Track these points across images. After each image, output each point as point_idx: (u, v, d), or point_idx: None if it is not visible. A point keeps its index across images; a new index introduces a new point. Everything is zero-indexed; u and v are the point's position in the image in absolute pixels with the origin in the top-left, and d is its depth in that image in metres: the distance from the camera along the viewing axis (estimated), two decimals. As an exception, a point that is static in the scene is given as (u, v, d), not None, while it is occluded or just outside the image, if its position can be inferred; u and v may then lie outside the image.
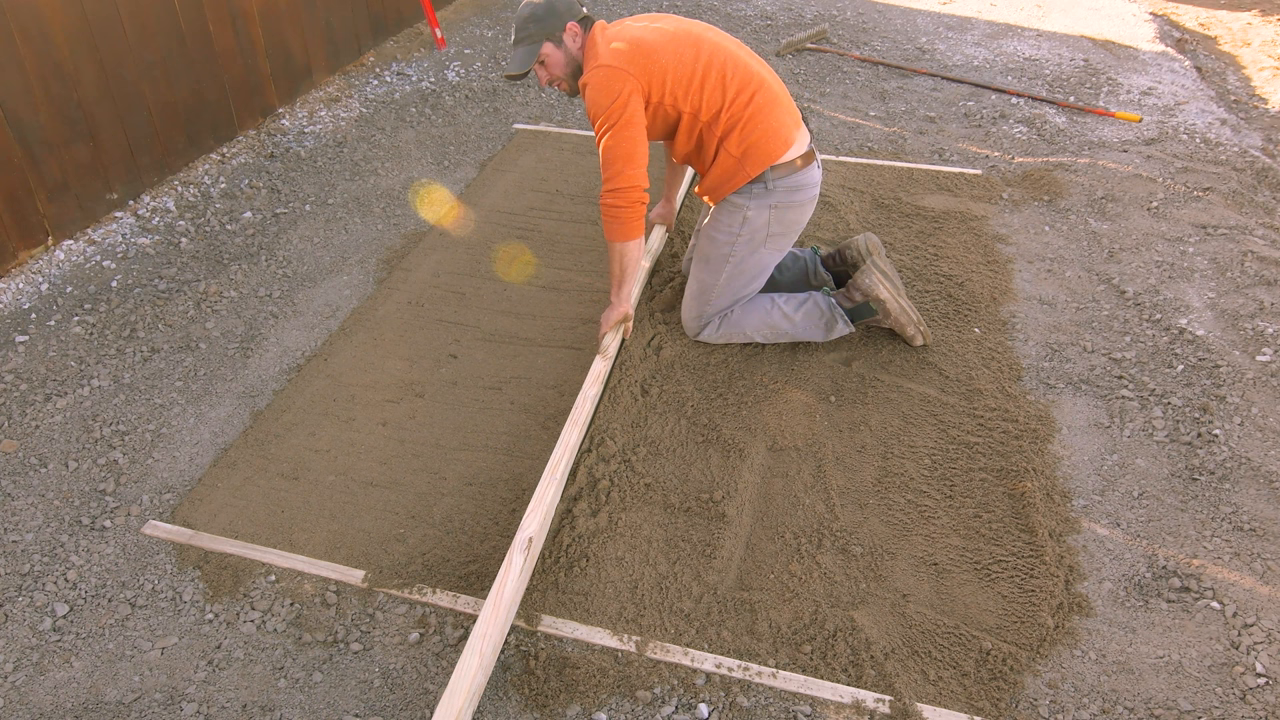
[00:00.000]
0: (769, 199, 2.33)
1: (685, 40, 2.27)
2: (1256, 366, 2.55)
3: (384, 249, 3.17)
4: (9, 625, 1.85)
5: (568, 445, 2.09)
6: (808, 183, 2.37)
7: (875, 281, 2.43)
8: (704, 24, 2.40)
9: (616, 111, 2.18)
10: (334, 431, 2.35)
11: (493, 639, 1.68)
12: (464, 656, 1.61)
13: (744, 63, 2.31)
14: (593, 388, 2.27)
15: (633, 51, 2.21)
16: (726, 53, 2.30)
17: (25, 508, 2.13)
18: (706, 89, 2.25)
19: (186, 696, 1.71)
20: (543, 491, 1.96)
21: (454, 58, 4.84)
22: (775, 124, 2.29)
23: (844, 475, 2.19)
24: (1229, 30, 5.84)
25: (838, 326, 2.49)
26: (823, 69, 4.74)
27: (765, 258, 2.44)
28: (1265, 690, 1.71)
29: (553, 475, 2.00)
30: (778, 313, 2.49)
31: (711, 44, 2.29)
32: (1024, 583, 1.90)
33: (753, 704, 1.69)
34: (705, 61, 2.25)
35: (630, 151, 2.20)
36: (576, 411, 2.19)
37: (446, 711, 1.52)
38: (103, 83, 3.18)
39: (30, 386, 2.50)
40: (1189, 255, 3.07)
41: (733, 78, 2.27)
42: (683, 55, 2.24)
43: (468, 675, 1.57)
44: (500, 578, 1.77)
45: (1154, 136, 3.96)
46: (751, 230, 2.37)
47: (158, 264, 3.08)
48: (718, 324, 2.50)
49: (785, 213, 2.37)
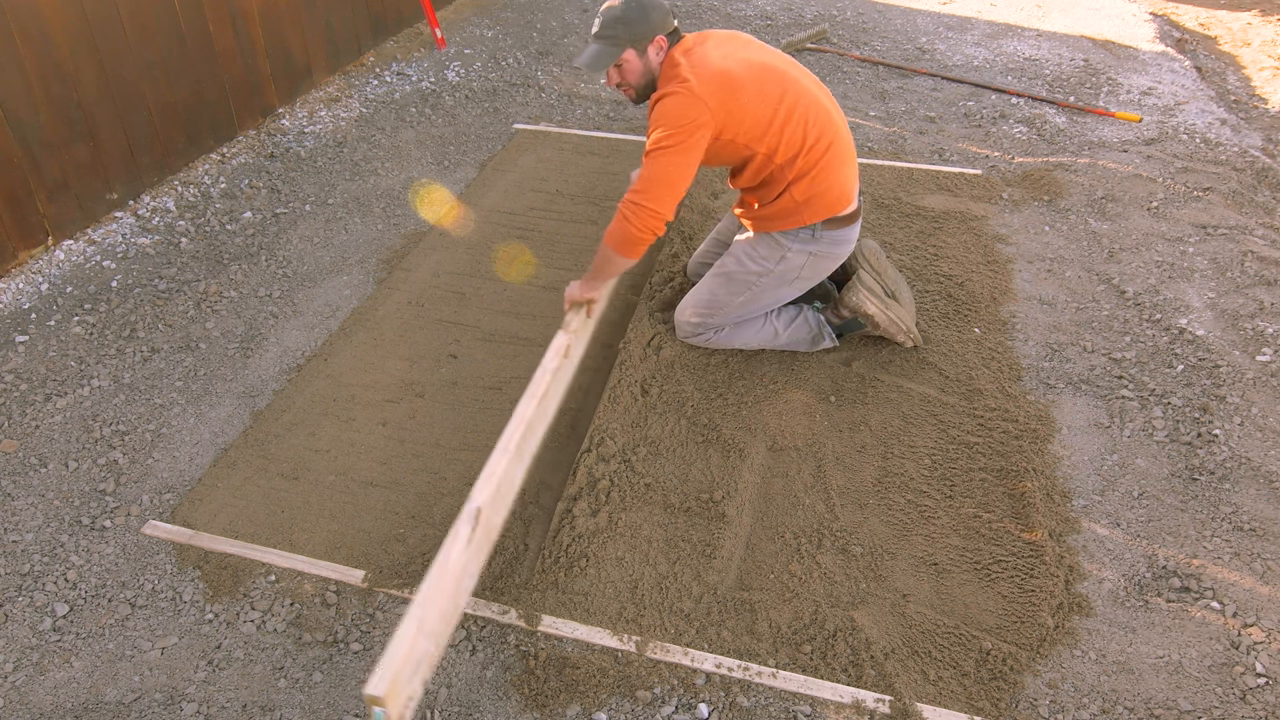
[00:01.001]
0: (812, 245, 2.34)
1: (770, 77, 2.18)
2: (1256, 366, 2.55)
3: (384, 249, 3.17)
4: (9, 625, 1.85)
5: (523, 419, 2.04)
6: (850, 238, 2.39)
7: (863, 299, 2.46)
8: (782, 54, 2.33)
9: (682, 136, 2.08)
10: (334, 431, 2.35)
11: (439, 607, 1.64)
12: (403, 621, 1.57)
13: (825, 109, 2.27)
14: (553, 361, 2.22)
15: (718, 84, 2.11)
16: (810, 96, 2.24)
17: (25, 508, 2.13)
18: (786, 133, 2.18)
19: (186, 696, 1.71)
20: (494, 464, 1.91)
21: (454, 58, 4.85)
22: (843, 178, 2.28)
23: (844, 475, 2.19)
24: (1229, 30, 5.84)
25: (823, 341, 2.55)
26: (823, 69, 4.74)
27: (785, 293, 2.46)
28: (1265, 690, 1.71)
29: (505, 449, 1.96)
30: (769, 330, 2.53)
31: (796, 84, 2.22)
32: (1024, 583, 1.90)
33: (753, 704, 1.69)
34: (789, 104, 2.18)
35: (674, 179, 2.10)
36: (534, 385, 2.13)
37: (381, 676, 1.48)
38: (103, 83, 3.18)
39: (30, 386, 2.50)
40: (1189, 255, 3.07)
41: (813, 124, 2.21)
42: (766, 94, 2.16)
43: (405, 639, 1.53)
44: (445, 547, 1.71)
45: (1154, 136, 3.96)
46: (785, 268, 2.38)
47: (158, 264, 3.08)
48: (712, 335, 2.53)
49: (821, 261, 2.39)
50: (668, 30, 2.22)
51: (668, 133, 2.08)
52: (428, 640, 1.59)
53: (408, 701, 1.52)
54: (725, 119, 2.12)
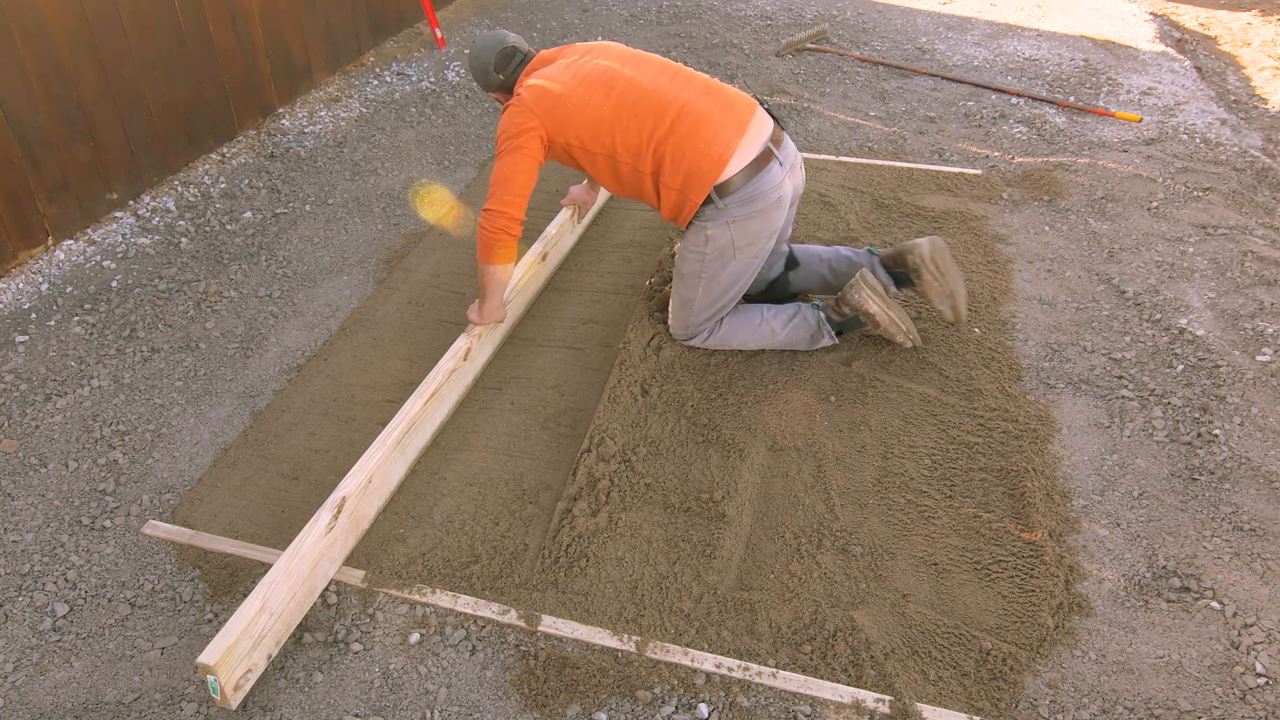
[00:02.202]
0: (724, 216, 2.29)
1: (597, 81, 2.30)
2: (1256, 366, 2.55)
3: (384, 249, 3.17)
4: (9, 625, 1.85)
5: (407, 415, 2.13)
6: (762, 190, 2.26)
7: (865, 297, 2.45)
8: (629, 56, 2.40)
9: (509, 139, 2.27)
10: (334, 431, 2.35)
11: (286, 588, 1.72)
12: (249, 598, 1.66)
13: (657, 92, 2.28)
14: (448, 363, 2.31)
15: (542, 94, 2.30)
16: (639, 88, 2.29)
17: (25, 508, 2.13)
18: (618, 129, 2.27)
19: (186, 696, 1.71)
20: (369, 455, 2.00)
21: (454, 58, 4.84)
22: (705, 145, 2.23)
23: (844, 475, 2.19)
24: (1229, 30, 5.84)
25: (823, 340, 2.54)
26: (823, 69, 4.74)
27: (737, 269, 2.41)
28: (1265, 690, 1.71)
29: (382, 442, 2.04)
30: (766, 328, 2.52)
31: (626, 81, 2.30)
32: (1024, 583, 1.90)
33: (753, 704, 1.69)
34: (615, 101, 2.27)
35: (509, 176, 2.26)
36: (425, 385, 2.23)
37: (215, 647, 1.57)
38: (103, 83, 3.18)
39: (30, 386, 2.50)
40: (1189, 255, 3.07)
41: (648, 111, 2.26)
42: (589, 98, 2.28)
43: (245, 615, 1.62)
44: (303, 532, 1.81)
45: (1154, 136, 3.96)
46: (717, 248, 2.34)
47: (158, 264, 3.08)
48: (706, 334, 2.53)
49: (746, 225, 2.31)
50: (493, 88, 2.50)
51: (504, 137, 2.29)
52: (272, 618, 1.71)
53: (247, 674, 1.66)
54: (554, 124, 2.29)
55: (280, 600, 1.72)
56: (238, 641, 1.60)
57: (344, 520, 1.90)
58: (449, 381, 2.31)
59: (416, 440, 2.20)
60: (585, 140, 2.30)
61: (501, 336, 2.66)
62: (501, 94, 2.52)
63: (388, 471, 2.07)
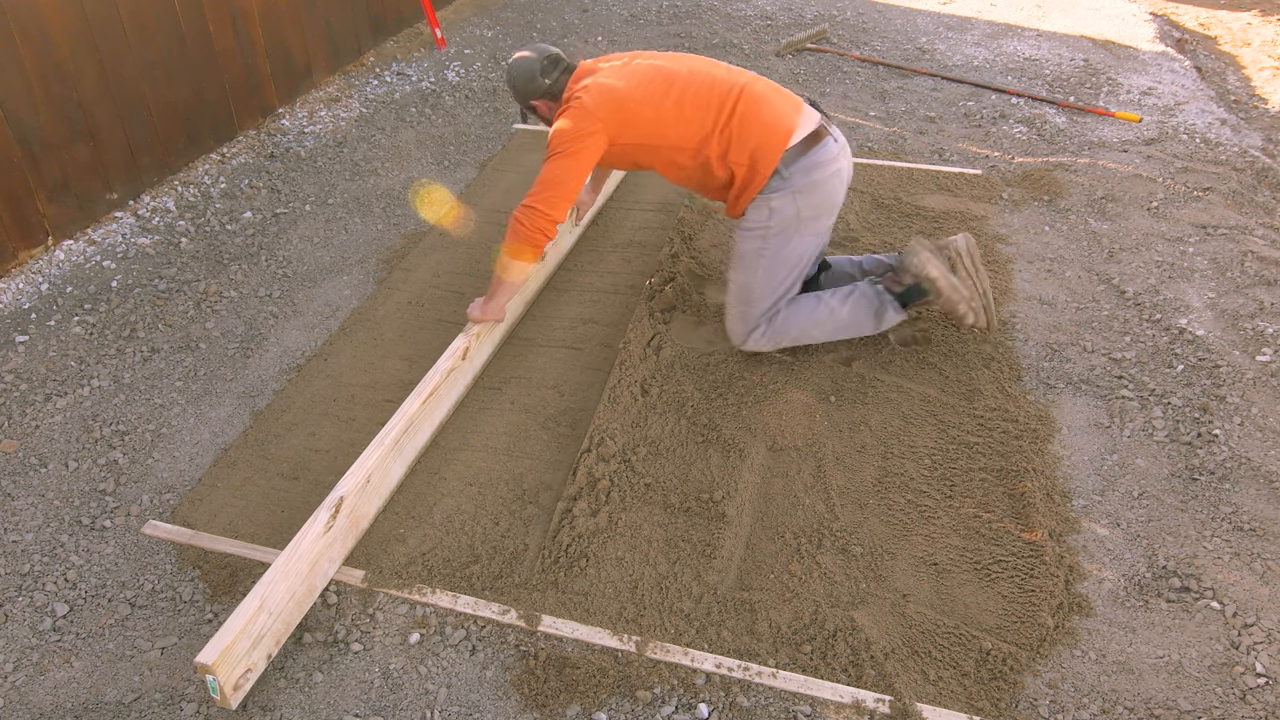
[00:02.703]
0: (789, 185, 2.30)
1: (656, 79, 2.32)
2: (1256, 366, 2.55)
3: (384, 249, 3.17)
4: (9, 625, 1.85)
5: (405, 415, 2.13)
6: (823, 159, 2.31)
7: (924, 260, 2.37)
8: (673, 55, 2.43)
9: (571, 142, 2.25)
10: (334, 431, 2.35)
11: (285, 586, 1.73)
12: (248, 596, 1.67)
13: (715, 79, 2.34)
14: (446, 362, 2.31)
15: (604, 97, 2.28)
16: (697, 78, 2.33)
17: (25, 508, 2.13)
18: (681, 122, 2.29)
19: (186, 696, 1.71)
20: (367, 455, 2.01)
21: (454, 58, 4.85)
22: (770, 118, 2.30)
23: (844, 475, 2.19)
24: (1229, 30, 5.84)
25: (888, 314, 2.45)
26: (823, 69, 4.74)
27: (801, 245, 2.38)
28: (1265, 690, 1.71)
29: (380, 442, 2.05)
30: (824, 309, 2.44)
31: (682, 76, 2.33)
32: (1024, 583, 1.90)
33: (753, 704, 1.69)
34: (676, 95, 2.30)
35: (561, 179, 2.24)
36: (423, 385, 2.23)
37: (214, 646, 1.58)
38: (103, 83, 3.18)
39: (30, 386, 2.50)
40: (1189, 255, 3.07)
41: (710, 97, 2.30)
42: (651, 95, 2.30)
43: (244, 614, 1.63)
44: (301, 531, 1.82)
45: (1154, 136, 3.96)
46: (782, 220, 2.33)
47: (158, 264, 3.08)
48: (764, 328, 2.44)
49: (811, 194, 2.32)
50: (538, 94, 2.45)
51: (559, 142, 2.26)
52: (271, 617, 1.71)
53: (246, 674, 1.66)
54: (617, 125, 2.28)
55: (279, 599, 1.72)
56: (236, 641, 1.61)
57: (342, 520, 1.90)
58: (447, 381, 2.31)
59: (415, 440, 2.20)
60: (648, 137, 2.31)
61: (501, 336, 2.66)
62: (545, 100, 2.46)
63: (386, 471, 2.07)
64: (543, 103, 2.47)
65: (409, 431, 2.14)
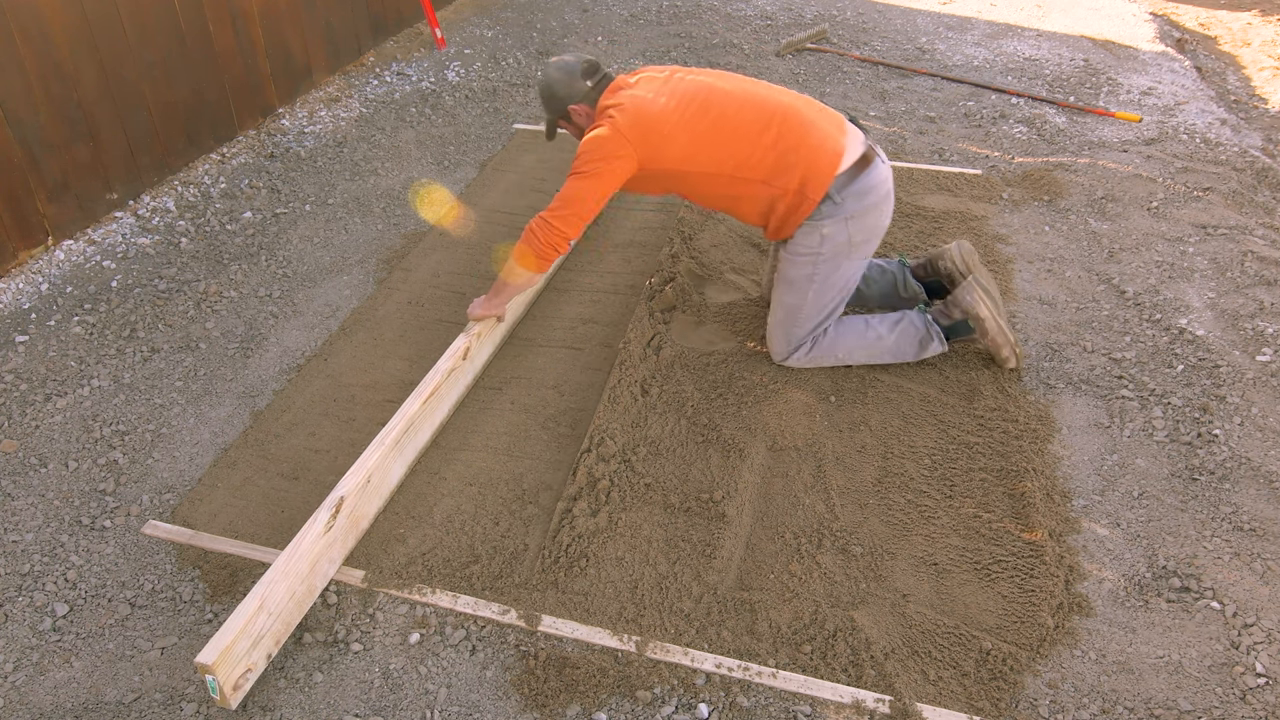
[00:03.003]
0: (841, 211, 2.27)
1: (695, 101, 2.24)
2: (1256, 366, 2.55)
3: (384, 249, 3.17)
4: (9, 625, 1.85)
5: (406, 415, 2.13)
6: (874, 183, 2.29)
7: (977, 299, 2.37)
8: (714, 72, 2.35)
9: (598, 165, 2.19)
10: (334, 431, 2.35)
11: (285, 587, 1.73)
12: (248, 596, 1.67)
13: (756, 100, 2.26)
14: (447, 362, 2.31)
15: (638, 118, 2.20)
16: (736, 99, 2.25)
17: (25, 508, 2.13)
18: (720, 145, 2.22)
19: (186, 696, 1.71)
20: (367, 455, 2.01)
21: (454, 58, 4.85)
22: (817, 141, 2.24)
23: (844, 475, 2.19)
24: (1229, 30, 5.84)
25: (932, 345, 2.44)
26: (823, 69, 4.74)
27: (850, 268, 2.37)
28: (1265, 690, 1.71)
29: (381, 442, 2.05)
30: (872, 334, 2.43)
31: (721, 95, 2.25)
32: (1024, 583, 1.90)
33: (753, 704, 1.69)
34: (714, 117, 2.23)
35: (579, 199, 2.20)
36: (424, 385, 2.23)
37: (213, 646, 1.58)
38: (103, 83, 3.18)
39: (30, 386, 2.50)
40: (1189, 255, 3.07)
41: (750, 122, 2.23)
42: (688, 118, 2.22)
43: (244, 614, 1.64)
44: (302, 531, 1.82)
45: (1154, 136, 3.96)
46: (833, 246, 2.30)
47: (158, 264, 3.08)
48: (809, 347, 2.44)
49: (863, 220, 2.30)
50: (578, 97, 2.36)
51: (585, 160, 2.21)
52: (271, 618, 1.71)
53: (246, 673, 1.66)
54: (648, 151, 2.22)
55: (279, 599, 1.72)
56: (236, 641, 1.61)
57: (343, 520, 1.90)
58: (448, 381, 2.31)
59: (416, 440, 2.20)
60: (681, 163, 2.24)
61: (501, 336, 2.66)
62: (583, 105, 2.37)
63: (387, 471, 2.07)
64: (580, 108, 2.38)
65: (410, 432, 2.15)
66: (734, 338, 2.64)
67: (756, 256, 3.06)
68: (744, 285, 2.88)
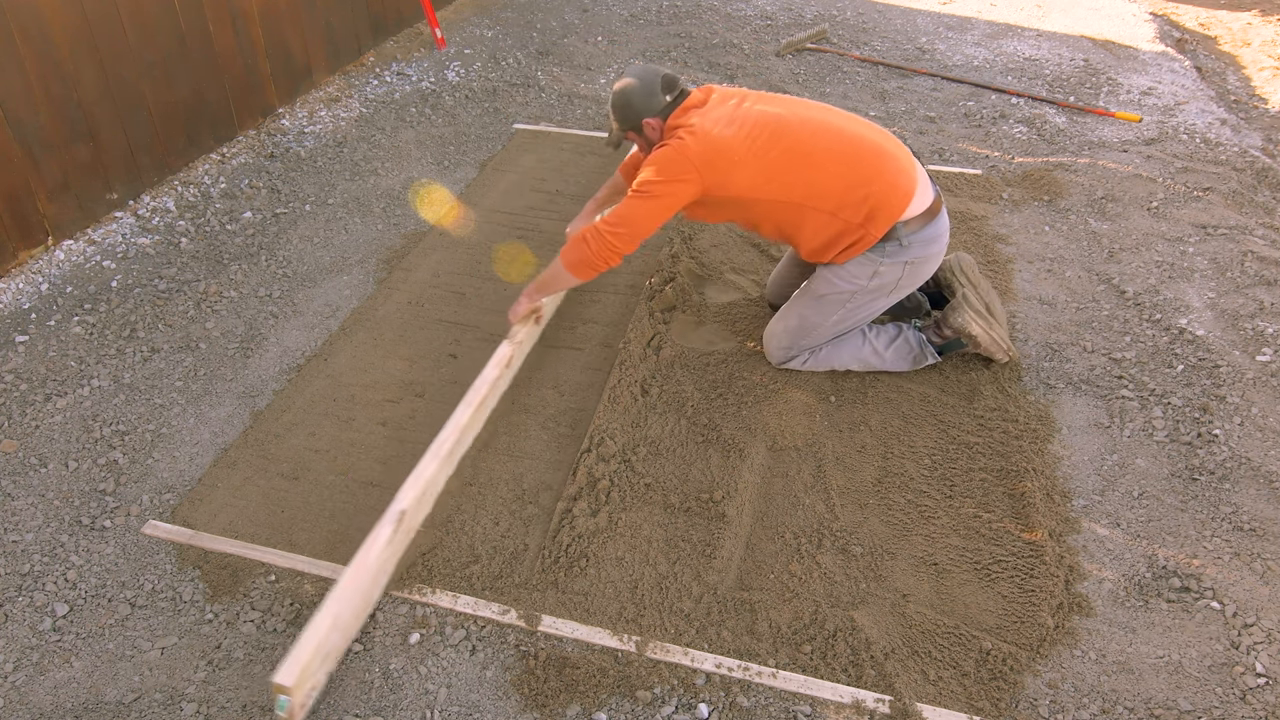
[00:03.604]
0: (904, 255, 2.26)
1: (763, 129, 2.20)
2: (1256, 366, 2.55)
3: (384, 249, 3.17)
4: (9, 625, 1.85)
5: (457, 425, 2.11)
6: (940, 233, 2.29)
7: (968, 319, 2.39)
8: (786, 100, 2.32)
9: (664, 187, 2.17)
10: (334, 431, 2.35)
11: (353, 605, 1.72)
12: (317, 614, 1.65)
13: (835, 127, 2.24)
14: (493, 371, 2.29)
15: (707, 145, 2.17)
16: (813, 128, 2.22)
17: (25, 508, 2.13)
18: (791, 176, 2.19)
19: (186, 696, 1.71)
20: (423, 468, 2.00)
21: (454, 58, 4.85)
22: (892, 178, 2.22)
23: (844, 475, 2.19)
24: (1229, 30, 5.84)
25: (925, 361, 2.48)
26: (823, 69, 4.74)
27: (881, 304, 2.38)
28: (1265, 690, 1.71)
29: (436, 454, 2.04)
30: (869, 348, 2.45)
31: (794, 123, 2.21)
32: (1024, 583, 1.90)
33: (753, 704, 1.69)
34: (786, 146, 2.19)
35: (644, 223, 2.20)
36: (472, 393, 2.22)
37: (292, 666, 1.56)
38: (103, 83, 3.18)
39: (30, 386, 2.50)
40: (1189, 255, 3.07)
41: (822, 150, 2.20)
42: (757, 147, 2.18)
43: (318, 631, 1.62)
44: (365, 546, 1.80)
45: (1154, 136, 3.96)
46: (881, 283, 2.31)
47: (158, 264, 3.08)
48: (807, 357, 2.46)
49: (920, 267, 2.30)
50: (654, 111, 2.30)
51: (653, 180, 2.18)
52: (339, 635, 1.69)
53: (311, 691, 1.65)
54: (714, 179, 2.18)
55: (347, 616, 1.71)
56: (311, 659, 1.59)
57: (400, 533, 1.88)
58: (493, 390, 2.28)
59: (461, 450, 2.17)
60: (748, 190, 2.21)
61: (536, 341, 2.63)
62: (654, 120, 2.31)
63: (437, 481, 2.05)
64: (654, 121, 2.31)
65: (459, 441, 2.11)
66: (734, 338, 2.64)
67: (756, 256, 3.06)
68: (744, 285, 2.88)
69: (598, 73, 4.69)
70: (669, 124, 2.29)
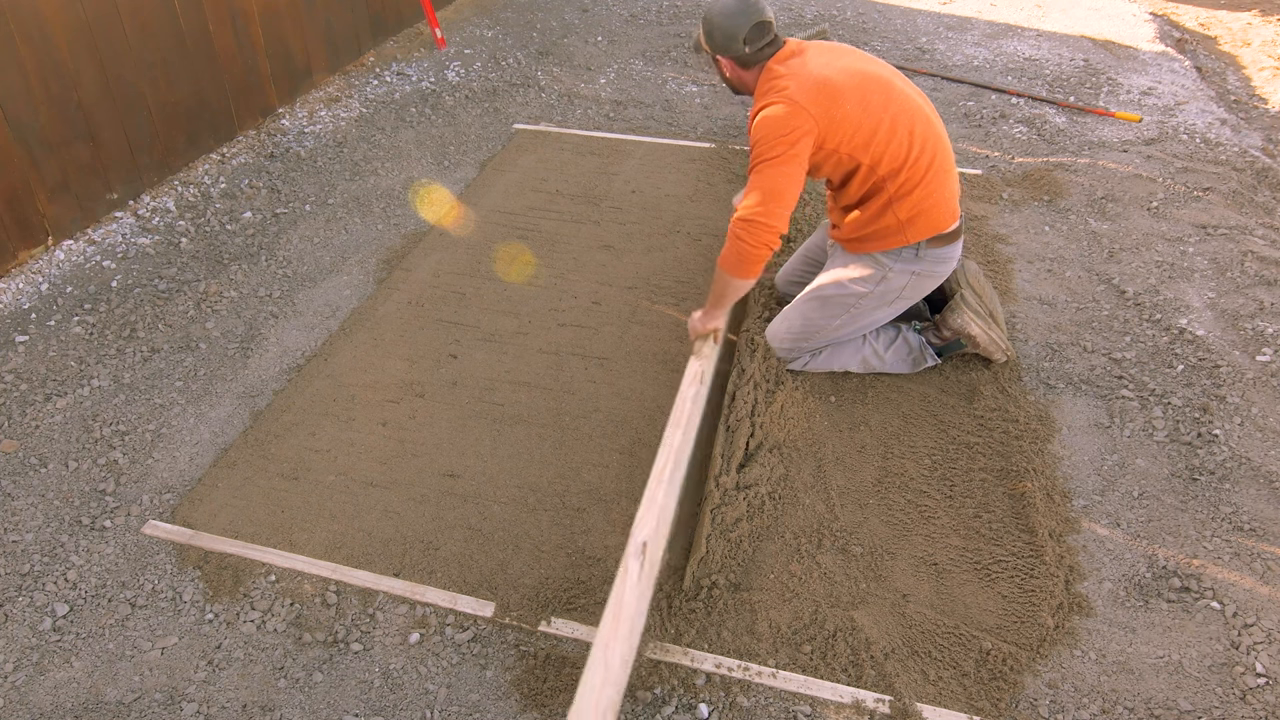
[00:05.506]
0: (916, 265, 2.27)
1: (874, 86, 2.13)
2: (1256, 366, 2.55)
3: (384, 249, 3.17)
4: (9, 625, 1.85)
5: (671, 447, 1.98)
6: (953, 255, 2.31)
7: (967, 320, 2.39)
8: (883, 63, 2.26)
9: (784, 146, 2.04)
10: (334, 431, 2.35)
11: (619, 652, 1.55)
12: (587, 670, 1.51)
13: (929, 120, 2.20)
14: (690, 388, 2.18)
15: (817, 91, 2.07)
16: (914, 106, 2.18)
17: (25, 508, 2.13)
18: (891, 144, 2.12)
19: (186, 696, 1.71)
20: (652, 493, 1.86)
21: (454, 58, 4.84)
22: (947, 194, 2.21)
23: (844, 475, 2.19)
24: (1229, 30, 5.84)
25: (925, 363, 2.48)
26: (823, 69, 4.73)
27: (880, 316, 2.38)
28: (1265, 690, 1.71)
29: (660, 478, 1.90)
30: (869, 350, 2.45)
31: (900, 95, 2.16)
32: (1024, 583, 1.90)
33: (753, 704, 1.69)
34: (894, 114, 2.12)
35: (781, 190, 2.04)
36: (676, 413, 2.09)
37: None
38: (103, 83, 3.18)
39: (30, 386, 2.50)
40: (1189, 255, 3.07)
41: (918, 137, 2.15)
42: (869, 103, 2.10)
43: (593, 688, 1.47)
44: (617, 587, 1.66)
45: (1154, 136, 3.96)
46: (886, 289, 2.30)
47: (158, 264, 3.08)
48: (808, 359, 2.46)
49: (924, 281, 2.31)
50: (731, 55, 2.19)
51: (770, 144, 2.05)
52: (613, 688, 1.50)
53: None
54: (827, 126, 2.07)
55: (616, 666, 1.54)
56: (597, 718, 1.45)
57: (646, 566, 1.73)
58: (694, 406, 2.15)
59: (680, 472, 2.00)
60: (854, 148, 2.11)
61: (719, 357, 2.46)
62: (729, 62, 2.21)
63: (668, 508, 1.89)
64: (729, 64, 2.21)
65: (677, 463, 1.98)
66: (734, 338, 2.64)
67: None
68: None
69: (598, 73, 4.69)
70: (765, 75, 2.16)
